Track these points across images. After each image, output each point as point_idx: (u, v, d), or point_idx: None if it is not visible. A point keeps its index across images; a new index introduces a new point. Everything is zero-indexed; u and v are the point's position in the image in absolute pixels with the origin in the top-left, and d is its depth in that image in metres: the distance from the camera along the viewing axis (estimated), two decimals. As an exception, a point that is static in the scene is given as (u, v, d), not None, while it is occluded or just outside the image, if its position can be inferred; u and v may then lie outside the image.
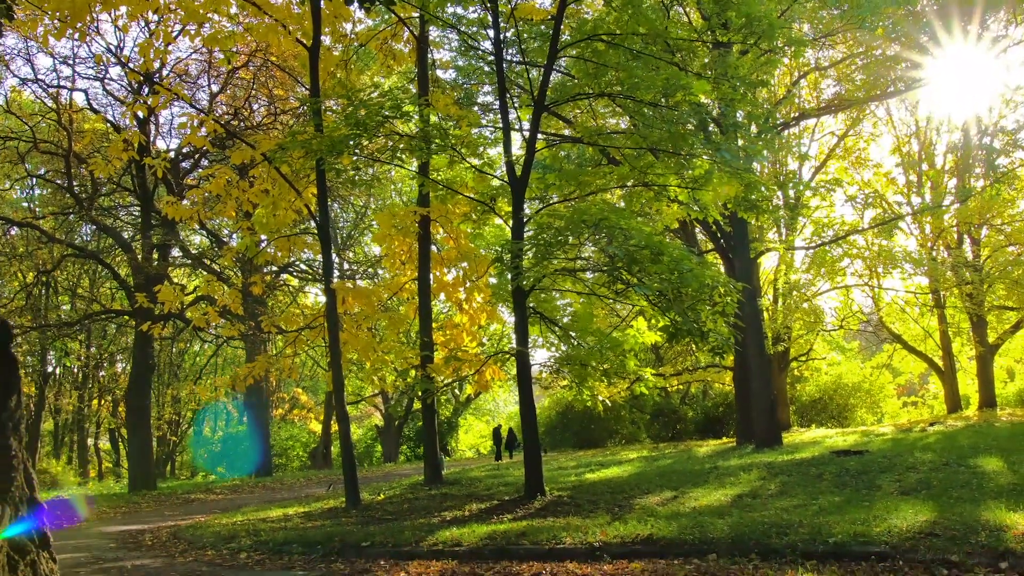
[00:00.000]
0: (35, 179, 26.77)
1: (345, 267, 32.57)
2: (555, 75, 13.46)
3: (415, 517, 10.59)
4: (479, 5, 12.88)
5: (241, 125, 23.79)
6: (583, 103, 17.60)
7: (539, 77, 12.32)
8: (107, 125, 24.42)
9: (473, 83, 18.96)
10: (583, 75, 12.11)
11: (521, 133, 14.72)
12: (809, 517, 7.49)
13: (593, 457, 22.56)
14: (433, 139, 12.07)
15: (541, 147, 14.20)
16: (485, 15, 13.02)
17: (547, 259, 11.66)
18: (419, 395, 15.89)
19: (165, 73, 23.37)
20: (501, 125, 12.82)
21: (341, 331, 13.89)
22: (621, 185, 13.85)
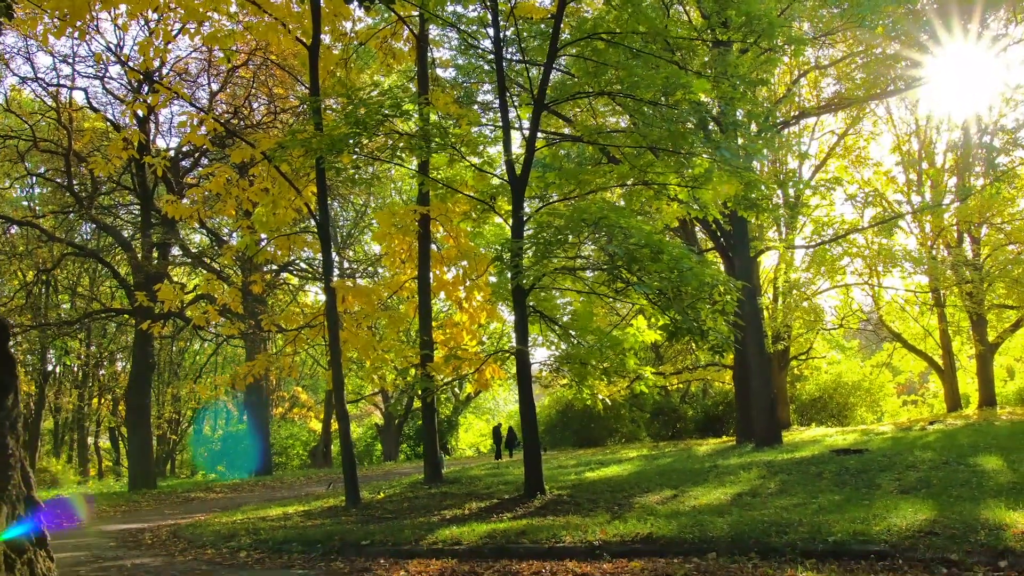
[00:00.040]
0: (35, 178, 26.75)
1: (345, 266, 32.56)
2: (555, 74, 13.46)
3: (415, 516, 10.59)
4: (479, 4, 12.88)
5: (241, 124, 23.78)
6: (583, 102, 17.58)
7: (539, 76, 12.32)
8: (107, 124, 24.40)
9: (473, 82, 18.95)
10: (583, 74, 12.10)
11: (521, 132, 14.74)
12: (809, 516, 7.49)
13: (593, 456, 22.56)
14: (433, 138, 12.06)
15: (541, 146, 14.19)
16: (485, 14, 13.01)
17: (547, 258, 11.66)
18: (419, 394, 15.89)
19: (165, 72, 23.35)
20: (501, 124, 12.81)
21: (341, 330, 13.89)
22: (621, 184, 13.84)
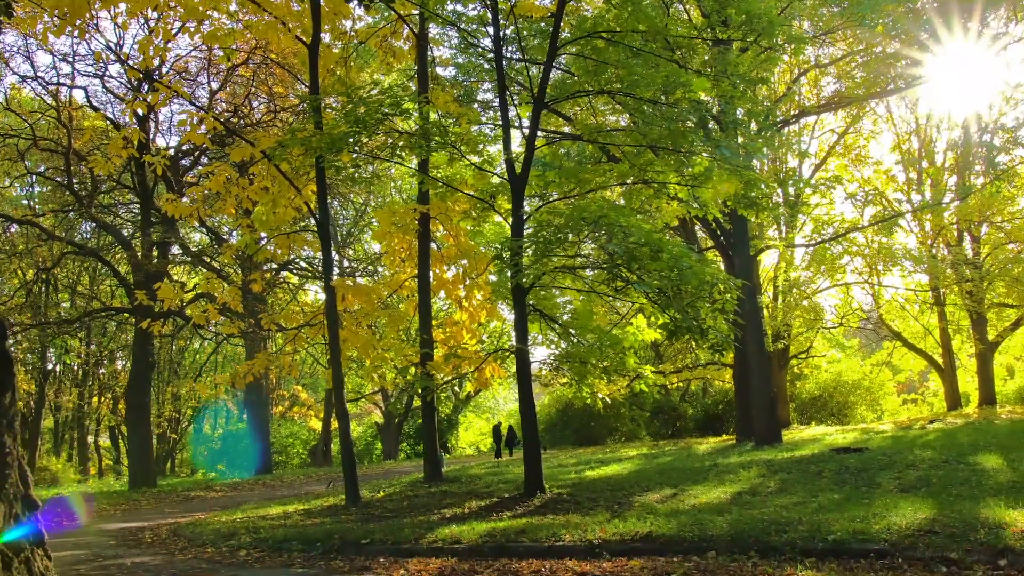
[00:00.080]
0: (35, 176, 26.75)
1: (345, 264, 32.57)
2: (555, 72, 13.43)
3: (415, 514, 10.60)
4: (479, 2, 12.87)
5: (241, 122, 23.76)
6: (583, 100, 17.57)
7: (539, 74, 12.30)
8: (107, 122, 24.40)
9: (473, 80, 18.93)
10: (583, 72, 12.09)
11: (521, 130, 14.72)
12: (808, 515, 7.49)
13: (593, 454, 22.57)
14: (433, 136, 12.05)
15: (541, 144, 14.18)
16: (485, 12, 13.00)
17: (547, 256, 11.66)
18: (419, 392, 15.88)
19: (165, 70, 23.32)
20: (501, 122, 12.80)
21: (341, 328, 13.88)
22: (621, 182, 13.83)
